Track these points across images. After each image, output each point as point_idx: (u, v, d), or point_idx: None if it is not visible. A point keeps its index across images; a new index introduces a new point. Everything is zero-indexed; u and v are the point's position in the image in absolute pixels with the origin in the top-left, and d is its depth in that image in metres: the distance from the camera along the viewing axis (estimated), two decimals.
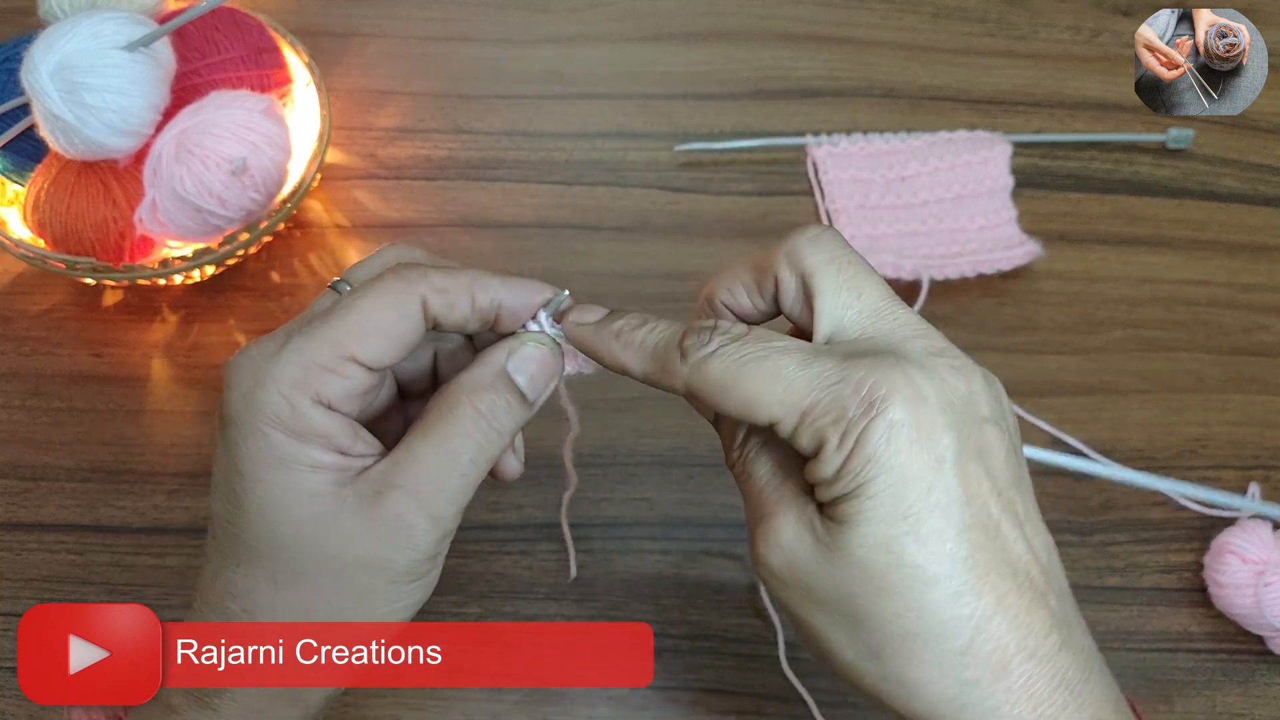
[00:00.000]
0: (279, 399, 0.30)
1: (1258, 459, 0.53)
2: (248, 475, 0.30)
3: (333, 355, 0.30)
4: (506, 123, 0.61)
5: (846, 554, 0.28)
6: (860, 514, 0.28)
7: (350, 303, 0.31)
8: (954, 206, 0.59)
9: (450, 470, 0.31)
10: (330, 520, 0.30)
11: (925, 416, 0.28)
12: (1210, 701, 0.48)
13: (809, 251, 0.31)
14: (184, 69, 0.51)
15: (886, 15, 0.66)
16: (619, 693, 0.47)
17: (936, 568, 0.28)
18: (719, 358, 0.30)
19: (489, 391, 0.32)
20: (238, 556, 0.31)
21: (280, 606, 0.31)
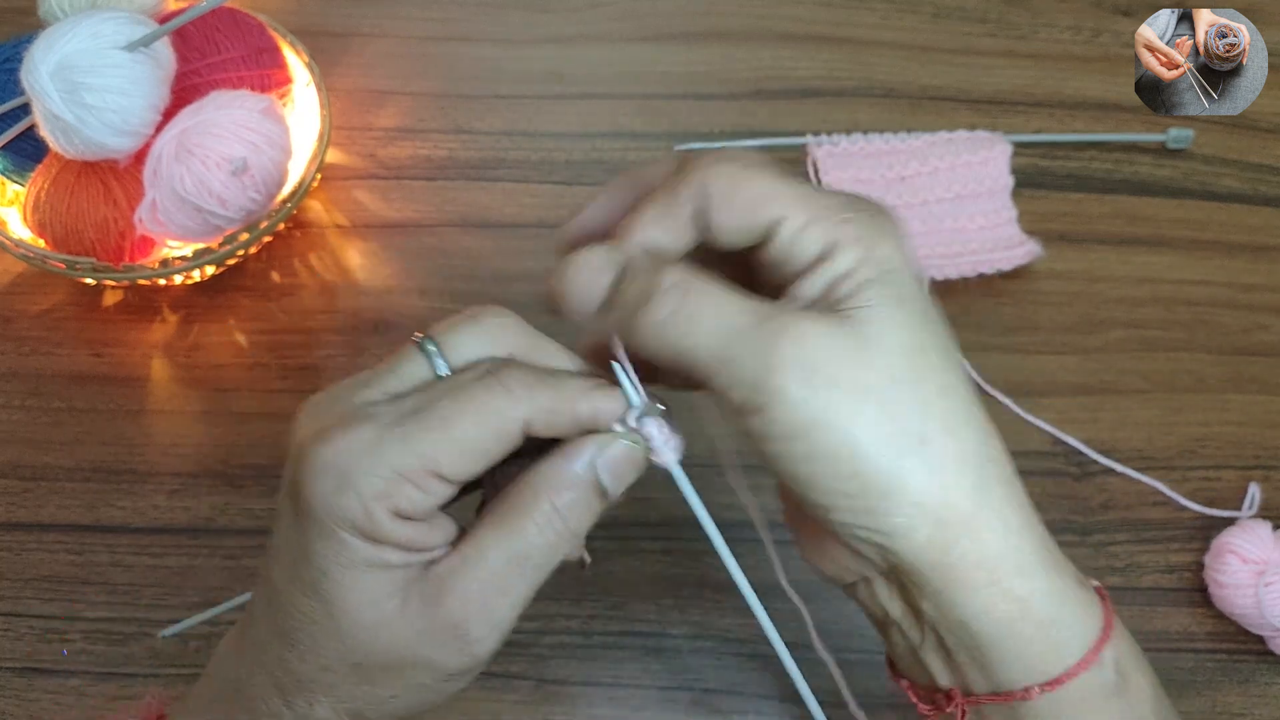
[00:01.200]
0: (358, 508, 0.29)
1: (1258, 459, 0.53)
2: (320, 570, 0.30)
3: (419, 468, 0.29)
4: (506, 123, 0.61)
5: (886, 335, 0.29)
6: (889, 298, 0.29)
7: (448, 412, 0.29)
8: (954, 206, 0.59)
9: (517, 575, 0.30)
10: (395, 625, 0.30)
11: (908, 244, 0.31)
12: (1210, 701, 0.48)
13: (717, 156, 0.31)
14: (184, 69, 0.51)
15: (886, 15, 0.66)
16: (619, 693, 0.47)
17: (954, 354, 0.30)
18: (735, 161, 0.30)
19: (571, 490, 0.30)
20: (293, 637, 0.30)
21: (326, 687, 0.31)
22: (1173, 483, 0.52)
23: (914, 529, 0.29)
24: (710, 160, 0.30)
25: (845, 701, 0.43)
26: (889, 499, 0.28)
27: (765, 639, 0.48)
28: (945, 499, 0.29)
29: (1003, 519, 0.29)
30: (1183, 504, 0.52)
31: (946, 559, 0.29)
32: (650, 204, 0.31)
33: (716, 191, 0.30)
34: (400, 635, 0.30)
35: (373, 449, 0.29)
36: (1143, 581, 0.50)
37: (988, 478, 0.29)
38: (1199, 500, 0.52)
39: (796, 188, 0.30)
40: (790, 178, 0.30)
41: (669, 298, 0.29)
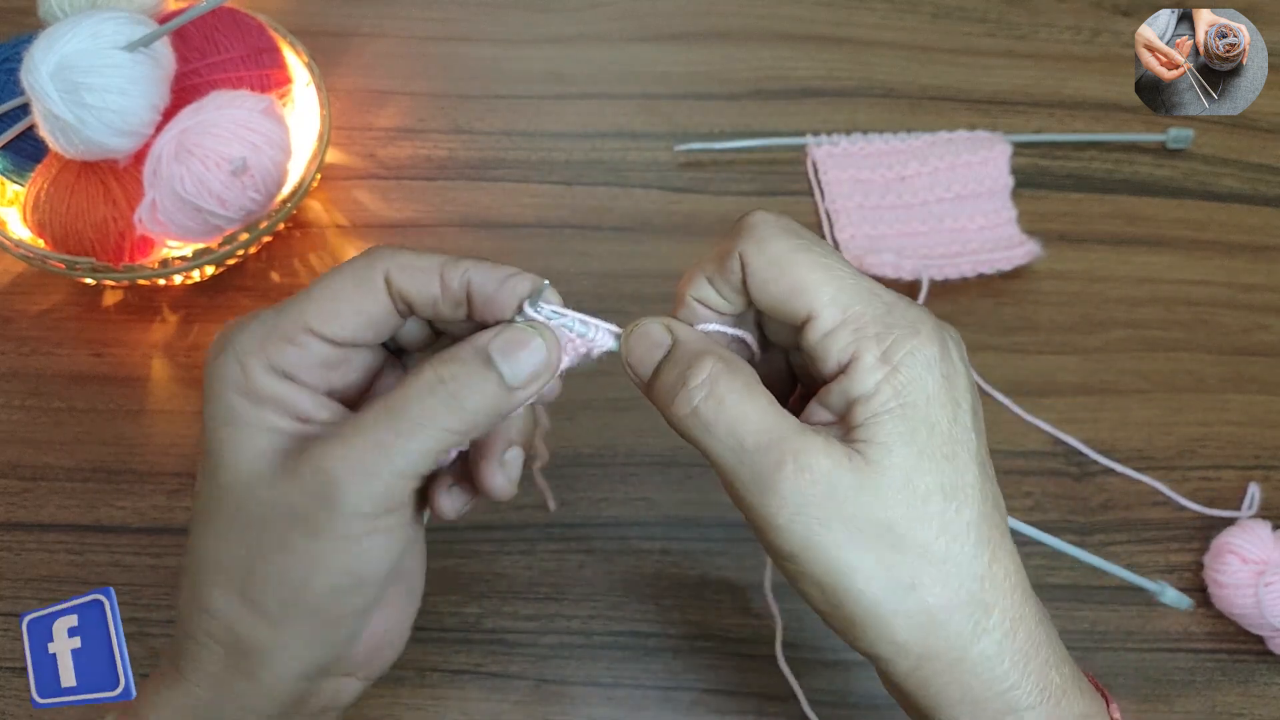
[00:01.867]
0: (234, 364, 0.31)
1: (1258, 459, 0.53)
2: (209, 435, 0.31)
3: (291, 326, 0.31)
4: (506, 123, 0.61)
5: (890, 475, 0.29)
6: (903, 433, 0.29)
7: (319, 279, 0.32)
8: (954, 206, 0.59)
9: (391, 430, 0.30)
10: (268, 474, 0.30)
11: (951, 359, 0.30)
12: (1210, 701, 0.48)
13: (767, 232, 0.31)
14: (184, 69, 0.51)
15: (886, 15, 0.66)
16: (619, 693, 0.47)
17: (967, 493, 0.29)
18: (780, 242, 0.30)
19: (458, 363, 0.30)
20: (197, 513, 0.32)
21: (215, 560, 0.31)
22: (1172, 483, 0.52)
23: (894, 660, 0.30)
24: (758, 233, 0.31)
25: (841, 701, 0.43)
26: (870, 632, 0.29)
27: (765, 639, 0.48)
28: (926, 642, 0.29)
29: (991, 665, 0.29)
30: (1182, 504, 0.52)
31: (927, 691, 0.30)
32: (705, 263, 0.32)
33: (755, 271, 0.31)
34: (274, 488, 0.30)
35: (255, 317, 0.32)
36: None
37: (980, 624, 0.29)
38: (1199, 500, 0.52)
39: (836, 284, 0.30)
40: (834, 267, 0.30)
41: (694, 395, 0.30)
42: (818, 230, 0.59)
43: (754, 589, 0.49)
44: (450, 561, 0.49)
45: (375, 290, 0.32)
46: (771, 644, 0.48)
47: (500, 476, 0.34)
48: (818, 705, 0.47)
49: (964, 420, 0.30)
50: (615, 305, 0.56)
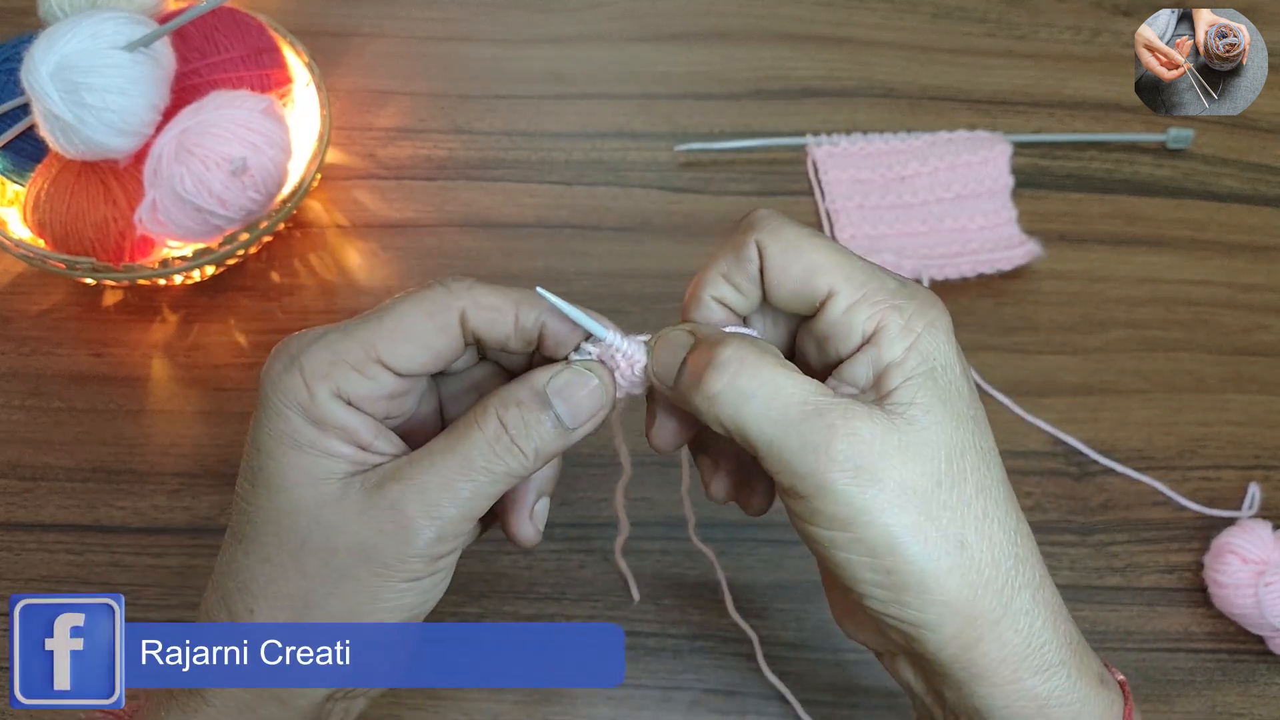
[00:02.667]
0: (301, 385, 0.30)
1: (1258, 459, 0.53)
2: (264, 453, 0.31)
3: (361, 354, 0.31)
4: (506, 123, 0.61)
5: (931, 434, 0.29)
6: (935, 394, 0.30)
7: (389, 306, 0.31)
8: (954, 206, 0.59)
9: (459, 474, 0.30)
10: (331, 505, 0.30)
11: (952, 329, 0.31)
12: (1210, 701, 0.48)
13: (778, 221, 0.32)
14: (184, 69, 0.51)
15: (886, 15, 0.66)
16: (619, 693, 0.47)
17: (994, 451, 0.31)
18: (794, 228, 0.31)
19: (518, 407, 0.31)
20: (242, 533, 0.31)
21: (267, 586, 0.31)
22: (1173, 483, 0.52)
23: (941, 625, 0.30)
24: (770, 222, 0.32)
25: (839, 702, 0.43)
26: (921, 596, 0.29)
27: (764, 639, 0.48)
28: (974, 601, 0.29)
29: (1028, 619, 0.30)
30: (1182, 504, 0.52)
31: (969, 655, 0.30)
32: (719, 259, 0.32)
33: (773, 256, 0.31)
34: (339, 516, 0.30)
35: (322, 338, 0.31)
36: (1142, 581, 0.50)
37: (1017, 579, 0.30)
38: (1199, 500, 0.52)
39: (851, 263, 0.31)
40: (846, 252, 0.31)
41: (724, 372, 0.29)
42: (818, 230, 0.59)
43: (754, 589, 0.49)
44: None
45: (450, 328, 0.31)
46: (772, 644, 0.48)
47: (529, 527, 0.34)
48: (818, 705, 0.47)
49: (974, 389, 0.31)
50: (615, 305, 0.56)
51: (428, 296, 0.31)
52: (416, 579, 0.31)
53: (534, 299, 0.32)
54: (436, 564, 0.31)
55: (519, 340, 0.32)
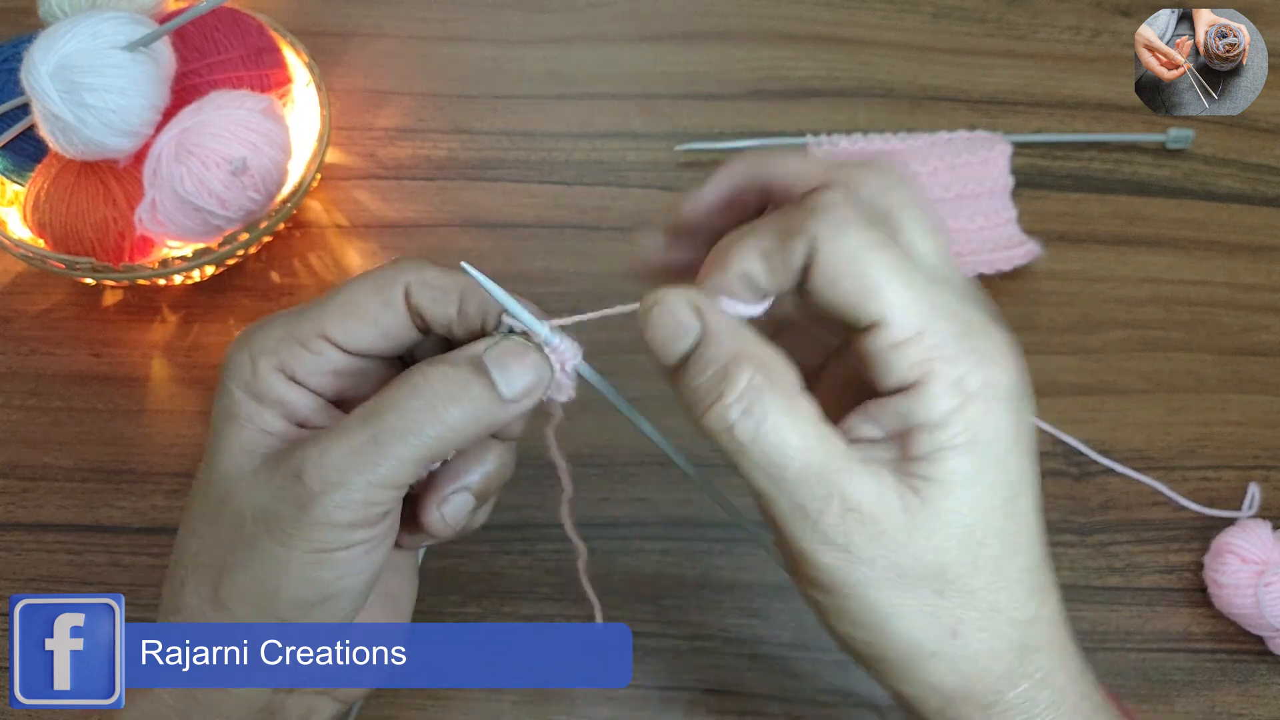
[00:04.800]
0: (246, 361, 0.31)
1: (1258, 459, 0.53)
2: (212, 425, 0.31)
3: (308, 330, 0.31)
4: (506, 123, 0.61)
5: (947, 519, 0.26)
6: (968, 472, 0.26)
7: (341, 285, 0.32)
8: (954, 206, 0.59)
9: (369, 437, 0.29)
10: (248, 475, 0.30)
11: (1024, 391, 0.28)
12: (1210, 702, 0.48)
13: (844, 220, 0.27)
14: (184, 69, 0.51)
15: (886, 15, 0.66)
16: (619, 693, 0.47)
17: (1024, 537, 0.28)
18: (860, 233, 0.26)
19: (448, 366, 0.29)
20: (187, 504, 0.32)
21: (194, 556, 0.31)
22: (1172, 483, 0.52)
23: (924, 701, 0.28)
24: (834, 217, 0.27)
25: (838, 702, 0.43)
26: (904, 673, 0.28)
27: (765, 639, 0.48)
28: (962, 688, 0.28)
29: (1026, 709, 0.28)
30: (1182, 504, 0.52)
31: None
32: (760, 235, 0.28)
33: (825, 262, 0.27)
34: (251, 484, 0.30)
35: (275, 319, 0.32)
36: (1142, 581, 0.50)
37: (1018, 671, 0.28)
38: (1199, 500, 0.52)
39: (913, 294, 0.26)
40: (910, 277, 0.26)
41: (730, 411, 0.26)
42: None
43: (754, 589, 0.49)
44: (450, 561, 0.49)
45: (394, 303, 0.31)
46: (772, 644, 0.48)
47: (436, 516, 0.32)
48: (818, 705, 0.47)
49: (1028, 462, 0.28)
50: (615, 306, 0.55)
51: (375, 273, 0.32)
52: (323, 550, 0.29)
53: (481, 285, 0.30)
54: (347, 534, 0.29)
55: (462, 325, 0.31)
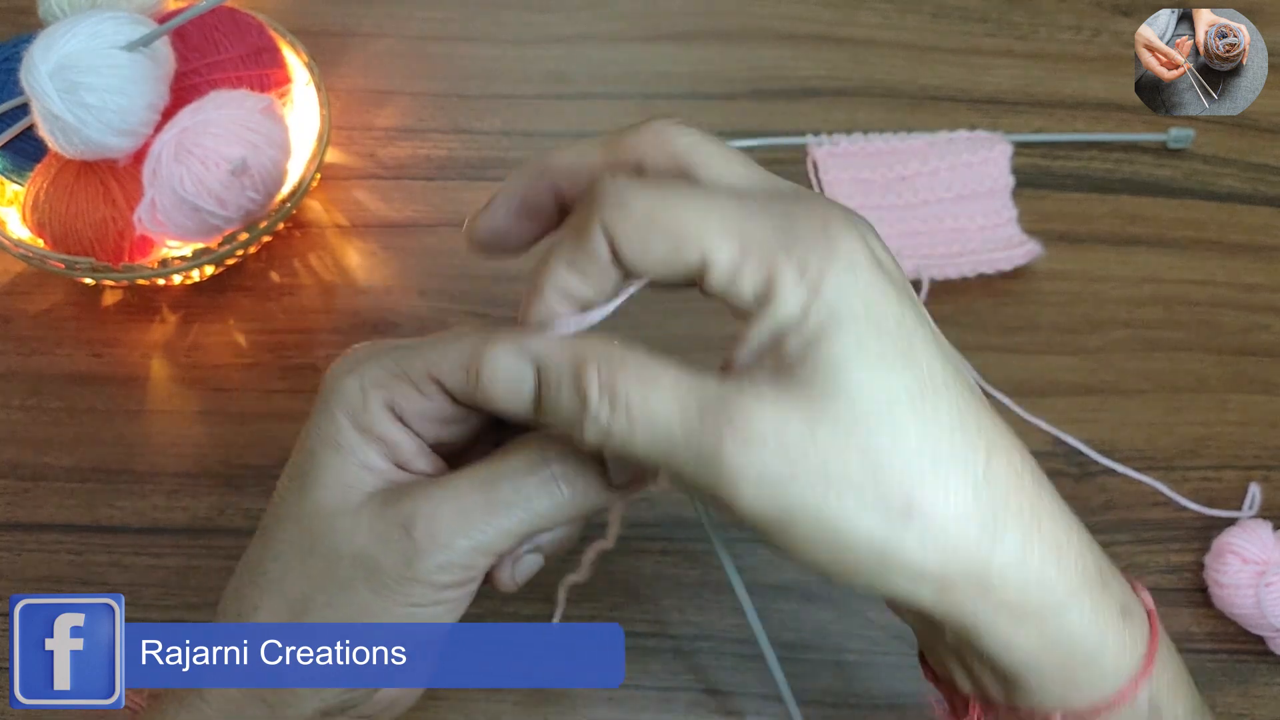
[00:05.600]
0: (357, 391, 0.30)
1: (1259, 459, 0.53)
2: (306, 451, 0.30)
3: (421, 370, 0.29)
4: (506, 123, 0.61)
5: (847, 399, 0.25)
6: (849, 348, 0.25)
7: (461, 330, 0.30)
8: (954, 206, 0.59)
9: (481, 503, 0.29)
10: (349, 512, 0.30)
11: (872, 243, 0.26)
12: (1210, 702, 0.47)
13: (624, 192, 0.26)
14: (183, 69, 0.51)
15: (886, 15, 0.66)
16: (619, 693, 0.47)
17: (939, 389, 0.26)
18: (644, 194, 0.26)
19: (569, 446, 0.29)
20: (265, 528, 0.31)
21: (273, 583, 0.30)
22: (1173, 483, 0.52)
23: (916, 594, 0.26)
24: (614, 195, 0.26)
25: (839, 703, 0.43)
26: (885, 570, 0.26)
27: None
28: (945, 565, 0.26)
29: (1019, 569, 0.26)
30: (1183, 504, 0.52)
31: (959, 612, 0.27)
32: (561, 248, 0.27)
33: (625, 239, 0.26)
34: (351, 523, 0.29)
35: (390, 351, 0.30)
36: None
37: (994, 527, 0.26)
38: (1199, 500, 0.52)
39: (718, 210, 0.26)
40: (714, 199, 0.26)
41: (597, 415, 0.26)
42: None
43: (754, 589, 0.49)
44: None
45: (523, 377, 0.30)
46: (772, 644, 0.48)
47: (508, 574, 0.32)
48: (818, 705, 0.47)
49: (909, 308, 0.26)
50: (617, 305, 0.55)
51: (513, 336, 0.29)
52: (418, 605, 0.29)
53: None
54: (441, 594, 0.29)
55: None
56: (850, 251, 0.25)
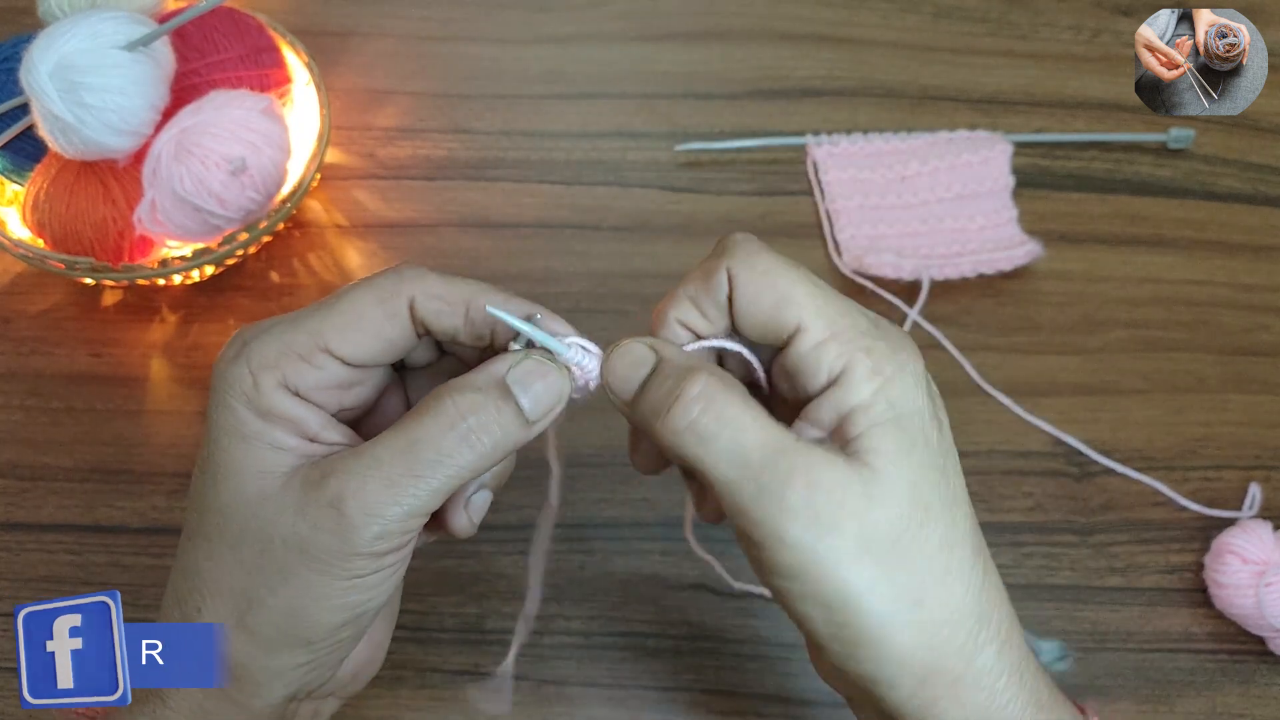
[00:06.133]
0: (247, 376, 0.30)
1: (1258, 459, 0.53)
2: (213, 441, 0.30)
3: (309, 343, 0.30)
4: (506, 123, 0.61)
5: (896, 485, 0.28)
6: (901, 443, 0.29)
7: (339, 293, 0.31)
8: (954, 206, 0.59)
9: (405, 469, 0.29)
10: (271, 498, 0.29)
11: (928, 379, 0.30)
12: (1210, 702, 0.48)
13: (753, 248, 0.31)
14: (183, 69, 0.51)
15: (886, 15, 0.66)
16: (619, 693, 0.47)
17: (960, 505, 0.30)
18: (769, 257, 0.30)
19: (477, 394, 0.30)
20: (191, 527, 0.31)
21: (211, 582, 0.30)
22: (1173, 483, 0.52)
23: (898, 681, 0.29)
24: (745, 249, 0.31)
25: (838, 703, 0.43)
26: (876, 651, 0.29)
27: (765, 639, 0.48)
28: (931, 659, 0.29)
29: (991, 678, 0.30)
30: (1183, 504, 0.52)
31: (929, 711, 0.29)
32: (686, 283, 0.32)
33: (743, 284, 0.30)
34: (276, 509, 0.29)
35: (271, 328, 0.31)
36: (1143, 582, 0.50)
37: (979, 637, 0.29)
38: (1199, 500, 0.52)
39: (824, 298, 0.30)
40: (818, 286, 0.30)
41: (690, 408, 0.29)
42: (817, 230, 0.59)
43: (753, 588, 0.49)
44: (450, 562, 0.49)
45: (398, 315, 0.31)
46: (772, 644, 0.48)
47: (464, 518, 0.33)
48: (818, 705, 0.47)
49: (947, 436, 0.30)
50: (615, 305, 0.56)
51: (377, 283, 0.31)
52: (359, 576, 0.30)
53: (485, 296, 0.31)
54: (382, 560, 0.30)
55: (469, 335, 0.31)
56: (915, 372, 0.30)
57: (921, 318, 0.55)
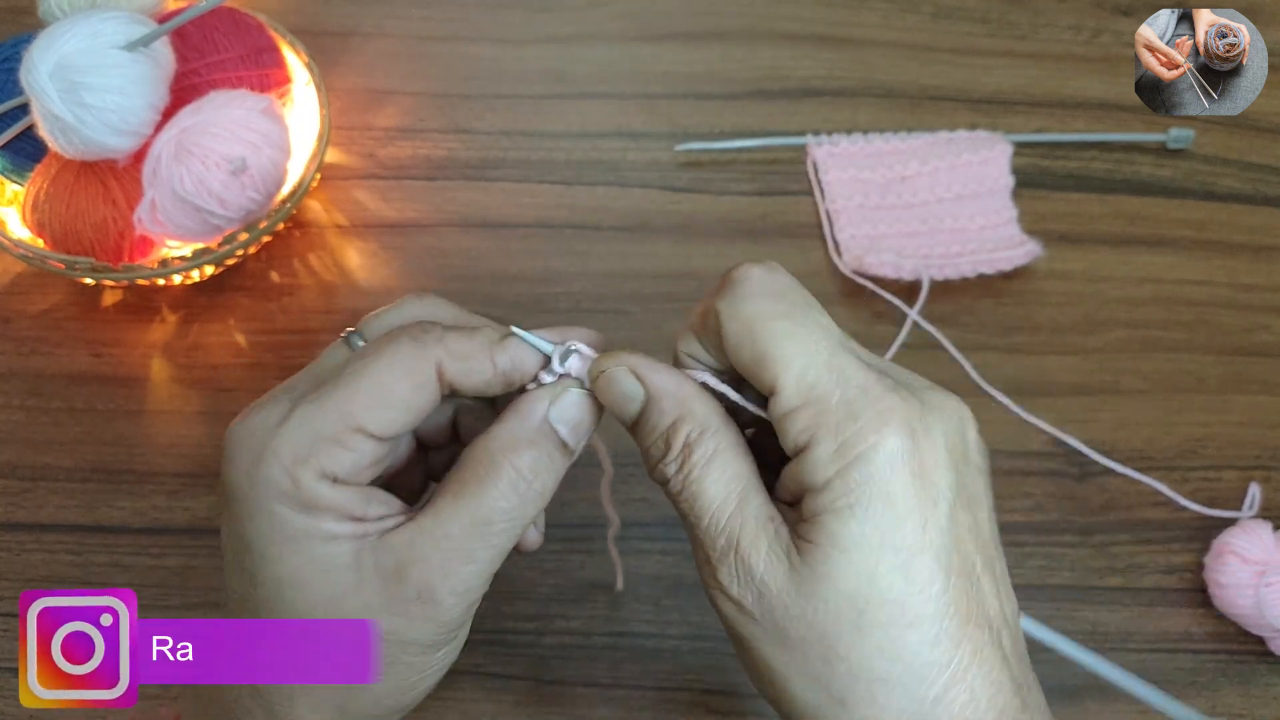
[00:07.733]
0: (282, 475, 0.28)
1: (1258, 459, 0.53)
2: (259, 553, 0.29)
3: (339, 426, 0.29)
4: (506, 123, 0.61)
5: (828, 583, 0.26)
6: (849, 536, 0.26)
7: (360, 368, 0.29)
8: (954, 206, 0.59)
9: (480, 541, 0.29)
10: (352, 597, 0.29)
11: (929, 452, 0.27)
12: (1210, 702, 0.48)
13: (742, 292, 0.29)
14: (183, 69, 0.51)
15: (887, 15, 0.66)
16: (619, 693, 0.47)
17: (922, 608, 0.26)
18: (753, 306, 0.28)
19: (531, 448, 0.30)
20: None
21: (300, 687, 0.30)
22: (1173, 483, 0.52)
23: None
24: (734, 292, 0.29)
25: None
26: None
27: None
28: None
29: None
30: (1183, 504, 0.52)
31: None
32: (692, 318, 0.31)
33: (727, 334, 0.29)
34: (361, 604, 0.29)
35: (288, 416, 0.29)
36: (1143, 582, 0.50)
37: None
38: (1199, 500, 0.52)
39: (805, 357, 0.28)
40: (810, 339, 0.28)
41: (670, 465, 0.29)
42: (817, 230, 0.59)
43: None
44: None
45: (428, 384, 0.30)
46: None
47: (534, 533, 0.34)
48: None
49: (939, 522, 0.27)
50: (615, 305, 0.56)
51: (401, 354, 0.29)
52: (449, 642, 0.31)
53: (507, 339, 0.31)
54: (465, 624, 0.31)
55: (499, 385, 0.31)
56: (892, 451, 0.26)
57: (921, 318, 0.55)
